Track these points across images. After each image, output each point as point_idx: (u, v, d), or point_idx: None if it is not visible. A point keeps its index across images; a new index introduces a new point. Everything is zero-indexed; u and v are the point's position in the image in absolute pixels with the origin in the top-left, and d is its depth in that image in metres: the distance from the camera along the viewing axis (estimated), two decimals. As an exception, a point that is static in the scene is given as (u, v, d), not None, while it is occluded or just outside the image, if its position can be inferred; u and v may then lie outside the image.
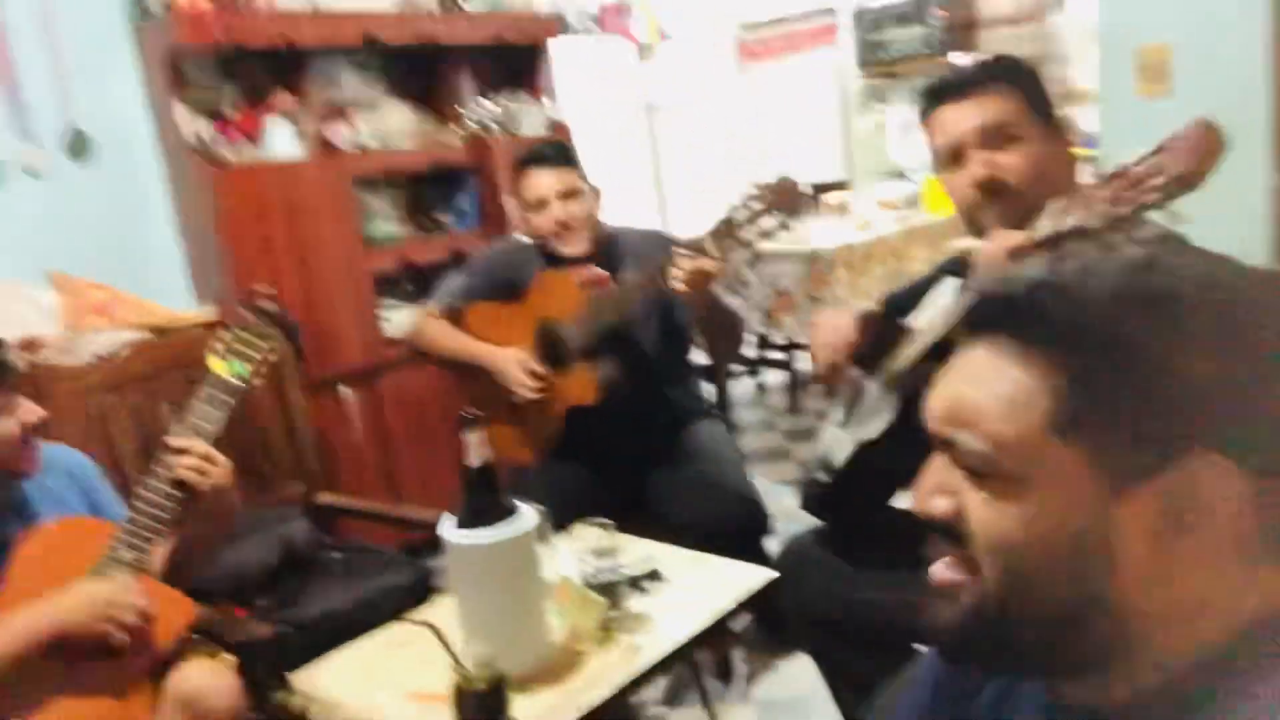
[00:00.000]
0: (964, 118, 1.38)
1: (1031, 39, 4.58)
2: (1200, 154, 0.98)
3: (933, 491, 0.65)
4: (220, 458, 1.62)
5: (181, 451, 1.59)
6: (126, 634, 1.51)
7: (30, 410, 1.56)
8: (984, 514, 0.61)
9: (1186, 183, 0.99)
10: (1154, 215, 1.06)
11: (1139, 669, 0.59)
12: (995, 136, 1.35)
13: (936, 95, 1.42)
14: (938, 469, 0.65)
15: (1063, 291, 0.58)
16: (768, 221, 1.82)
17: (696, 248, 1.89)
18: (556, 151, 2.29)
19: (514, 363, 2.24)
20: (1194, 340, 0.55)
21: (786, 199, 1.80)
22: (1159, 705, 0.58)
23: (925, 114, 1.44)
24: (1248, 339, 0.56)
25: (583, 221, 2.25)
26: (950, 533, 0.64)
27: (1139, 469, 0.56)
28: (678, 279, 1.88)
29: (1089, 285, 0.57)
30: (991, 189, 1.35)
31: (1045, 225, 1.15)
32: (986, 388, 0.60)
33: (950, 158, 1.40)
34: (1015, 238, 1.23)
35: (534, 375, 2.22)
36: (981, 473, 0.61)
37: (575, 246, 2.25)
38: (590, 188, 2.31)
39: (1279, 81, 2.64)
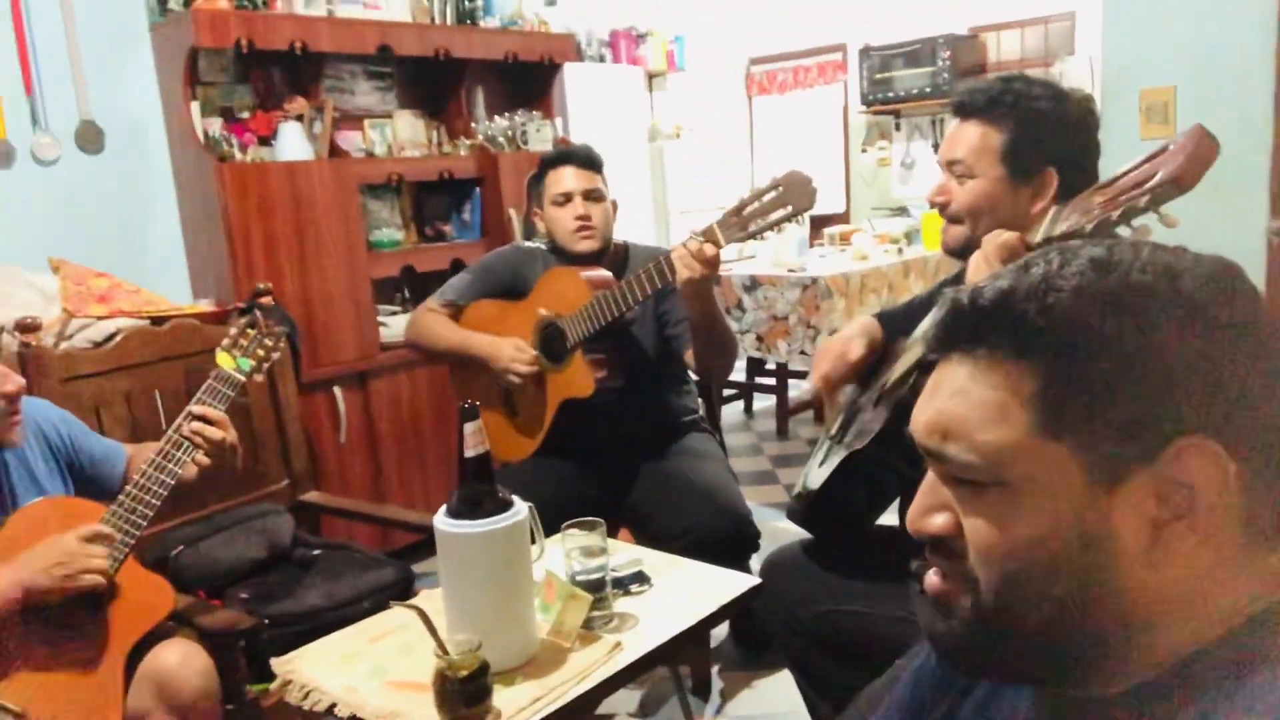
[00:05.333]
0: (950, 142, 1.49)
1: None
2: (1192, 157, 1.01)
3: (928, 510, 0.65)
4: (231, 431, 1.69)
5: (202, 419, 1.66)
6: (100, 581, 1.50)
7: (6, 378, 1.57)
8: (978, 525, 0.61)
9: (1178, 184, 1.01)
10: (1146, 220, 1.08)
11: (1137, 663, 0.59)
12: (956, 168, 1.47)
13: (956, 108, 1.50)
14: (930, 487, 0.66)
15: (1028, 298, 0.59)
16: (777, 214, 1.83)
17: (705, 234, 1.90)
18: (585, 154, 2.35)
19: (506, 344, 2.26)
20: (1163, 329, 0.56)
21: (798, 193, 1.82)
22: (1155, 695, 0.58)
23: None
24: (1216, 323, 0.57)
25: (601, 223, 2.31)
26: (945, 548, 0.64)
27: (1128, 460, 0.56)
28: (683, 261, 1.90)
29: (1052, 289, 0.59)
30: (939, 206, 1.52)
31: (1040, 231, 1.18)
32: (967, 399, 0.61)
33: (940, 164, 1.53)
34: (1007, 240, 1.25)
35: (526, 358, 2.23)
36: (973, 483, 0.61)
37: (589, 244, 2.29)
38: (610, 199, 2.36)
39: (1280, 124, 2.70)
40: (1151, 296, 0.57)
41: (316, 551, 2.29)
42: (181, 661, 1.58)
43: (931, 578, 0.66)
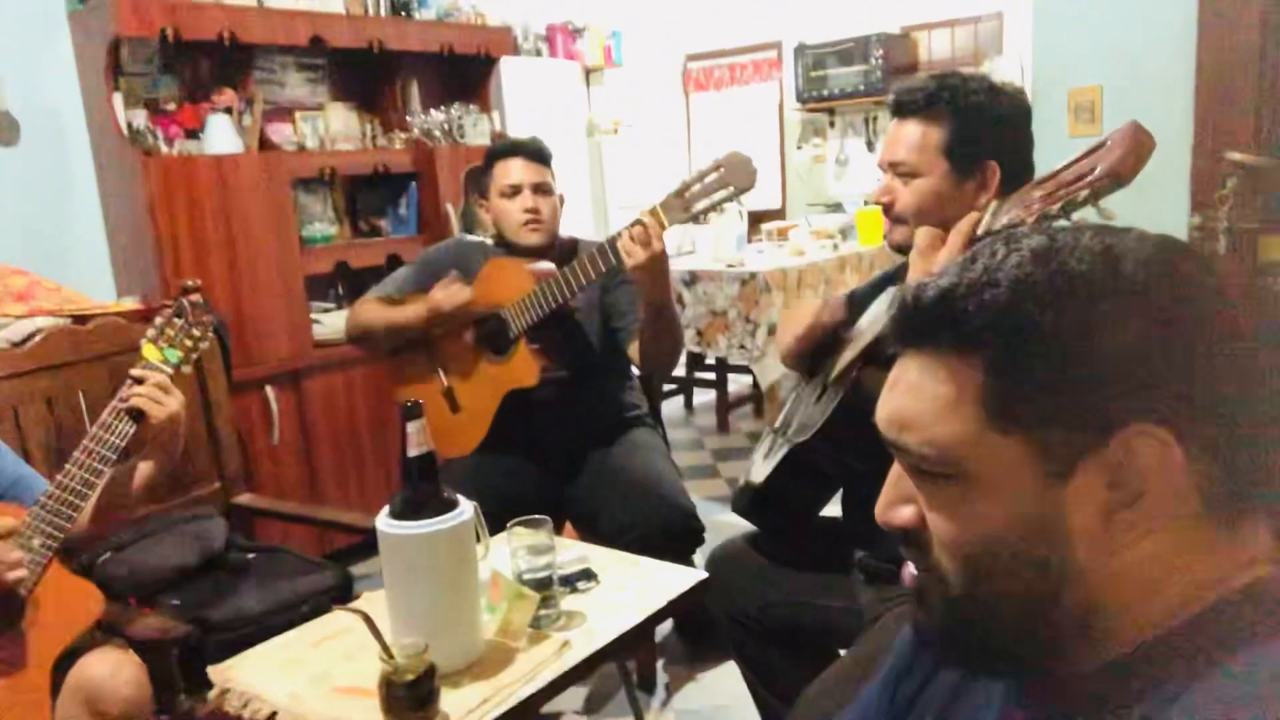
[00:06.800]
0: (890, 142, 1.50)
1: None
2: (1130, 151, 1.04)
3: (894, 502, 0.66)
4: (175, 390, 1.61)
5: (139, 380, 1.59)
6: (20, 578, 1.44)
7: None
8: (938, 517, 0.62)
9: (1115, 178, 1.04)
10: (1086, 214, 1.10)
11: (1106, 644, 0.60)
12: (900, 168, 1.47)
13: (894, 109, 1.50)
14: (896, 480, 0.67)
15: (967, 293, 0.60)
16: (719, 194, 1.83)
17: (649, 215, 1.90)
18: (535, 146, 2.32)
19: (440, 293, 2.22)
20: (1101, 316, 0.57)
21: (738, 173, 1.82)
22: (1125, 677, 0.59)
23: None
24: (1157, 306, 0.57)
25: (549, 217, 2.28)
26: (913, 540, 0.65)
27: (1077, 448, 0.57)
28: (626, 247, 1.89)
29: (991, 284, 0.59)
30: (884, 207, 1.52)
31: (981, 225, 1.20)
32: (920, 395, 0.62)
33: (882, 166, 1.53)
34: (931, 239, 1.28)
35: (455, 288, 2.20)
36: (933, 475, 0.62)
37: (537, 238, 2.27)
38: (558, 193, 2.34)
39: (1200, 125, 2.80)
40: (1089, 284, 0.57)
41: (251, 555, 2.23)
42: (111, 672, 1.52)
43: (908, 571, 0.67)
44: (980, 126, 1.43)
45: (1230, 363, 0.58)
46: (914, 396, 0.63)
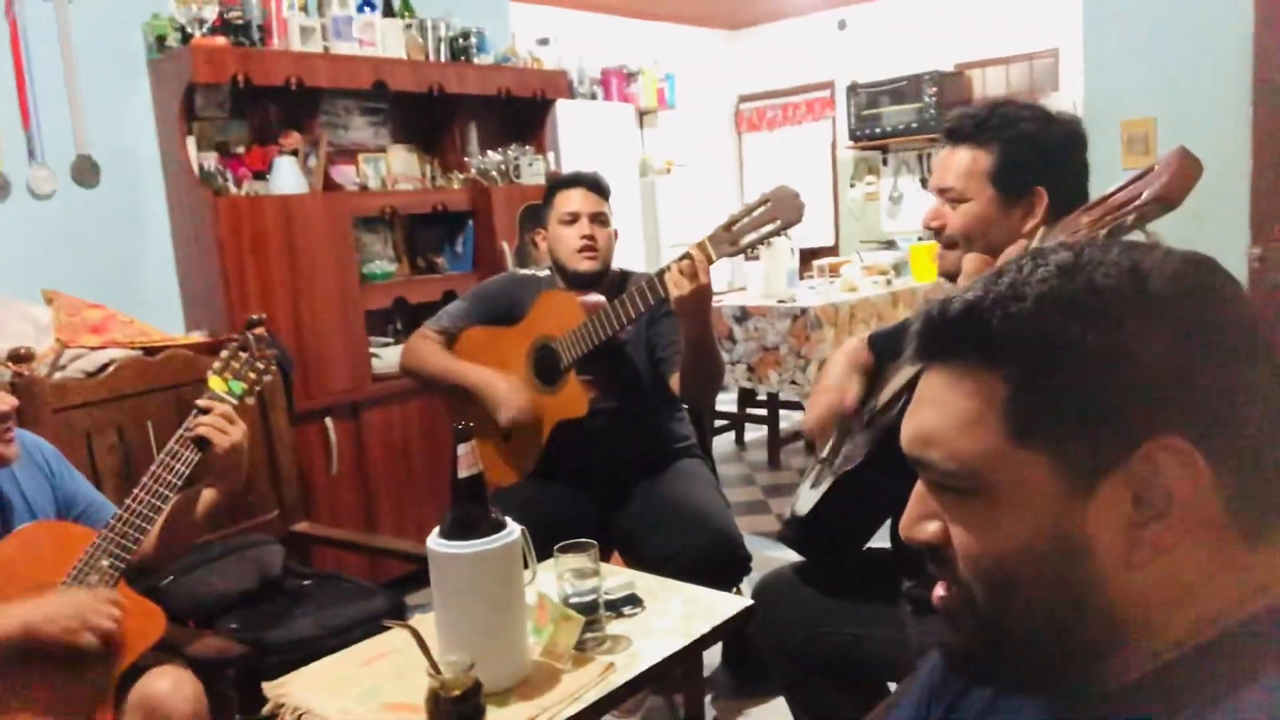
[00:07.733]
0: (941, 169, 1.53)
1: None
2: (1176, 176, 1.04)
3: (919, 518, 0.66)
4: (239, 420, 1.68)
5: (205, 411, 1.66)
6: (98, 642, 1.50)
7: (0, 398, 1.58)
8: (962, 533, 0.62)
9: (1163, 203, 1.04)
10: (1133, 239, 1.10)
11: (1131, 661, 0.60)
12: (949, 193, 1.51)
13: (946, 135, 1.54)
14: (921, 496, 0.67)
15: (993, 307, 0.60)
16: (766, 228, 1.86)
17: (696, 249, 1.93)
18: (595, 179, 2.40)
19: (501, 383, 2.27)
20: (1127, 331, 0.56)
21: (786, 207, 1.85)
22: (1150, 694, 0.59)
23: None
24: (1183, 321, 0.57)
25: (604, 246, 2.35)
26: (939, 558, 0.65)
27: (1101, 462, 0.57)
28: (673, 279, 1.92)
29: (1017, 297, 0.59)
30: (934, 230, 1.55)
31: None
32: (944, 409, 0.62)
33: (933, 192, 1.57)
34: (979, 265, 1.29)
35: (519, 399, 2.25)
36: (956, 491, 0.62)
37: (591, 264, 2.32)
38: (614, 227, 2.41)
39: (1258, 153, 2.75)
40: (1115, 299, 0.57)
41: (307, 581, 2.28)
42: (171, 688, 1.57)
43: (938, 590, 0.67)
44: (1029, 153, 1.44)
45: (1258, 378, 0.58)
46: (937, 411, 0.63)
